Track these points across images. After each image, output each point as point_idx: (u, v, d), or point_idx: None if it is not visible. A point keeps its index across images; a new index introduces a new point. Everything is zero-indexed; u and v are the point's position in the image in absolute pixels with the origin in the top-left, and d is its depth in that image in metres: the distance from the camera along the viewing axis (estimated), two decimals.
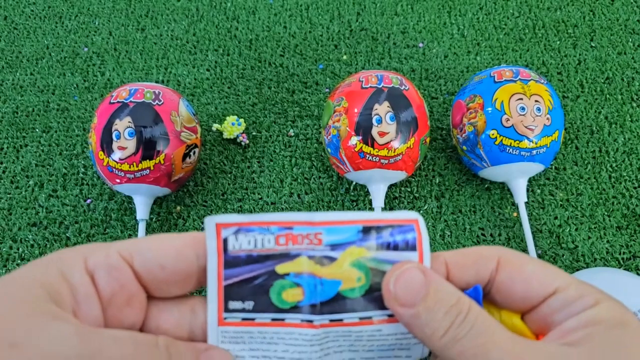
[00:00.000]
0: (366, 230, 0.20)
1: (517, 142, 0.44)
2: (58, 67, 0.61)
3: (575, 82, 0.57)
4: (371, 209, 0.49)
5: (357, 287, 0.20)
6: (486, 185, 0.51)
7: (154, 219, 0.49)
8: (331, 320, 0.20)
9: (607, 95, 0.56)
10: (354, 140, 0.44)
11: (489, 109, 0.45)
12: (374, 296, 0.20)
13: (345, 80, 0.48)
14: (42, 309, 0.16)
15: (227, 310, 0.20)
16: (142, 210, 0.46)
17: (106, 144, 0.44)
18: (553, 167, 0.52)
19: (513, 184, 0.47)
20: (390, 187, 0.50)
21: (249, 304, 0.20)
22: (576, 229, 0.48)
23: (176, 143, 0.45)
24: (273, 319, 0.20)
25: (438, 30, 0.62)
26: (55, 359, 0.16)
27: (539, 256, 0.46)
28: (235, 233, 0.20)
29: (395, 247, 0.20)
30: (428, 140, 0.48)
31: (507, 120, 0.44)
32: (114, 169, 0.44)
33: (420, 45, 0.61)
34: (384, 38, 0.62)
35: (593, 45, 0.60)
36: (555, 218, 0.49)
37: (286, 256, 0.20)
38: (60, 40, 0.63)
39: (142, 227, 0.46)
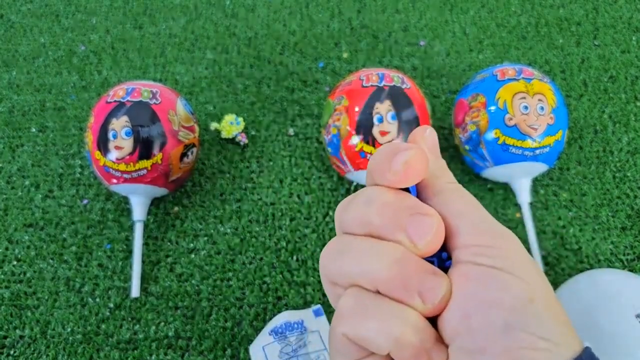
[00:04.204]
0: None
1: (520, 141, 0.43)
2: (55, 66, 0.60)
3: (579, 80, 0.57)
4: None
5: None
6: (489, 186, 0.50)
7: (151, 220, 0.49)
8: None
9: (611, 94, 0.55)
10: (355, 139, 0.44)
11: (492, 107, 0.44)
12: None
13: (345, 78, 0.47)
14: None
15: None
16: (139, 210, 0.45)
17: (103, 144, 0.43)
18: (557, 167, 0.51)
19: (516, 185, 0.46)
20: None
21: None
22: (580, 230, 0.47)
23: (174, 142, 0.44)
24: None
25: (440, 28, 0.61)
26: None
27: (543, 257, 0.46)
28: None
29: None
30: None
31: (510, 119, 0.43)
32: (111, 169, 0.43)
33: (422, 43, 0.60)
34: (385, 36, 0.61)
35: (596, 43, 0.60)
36: (559, 219, 0.48)
37: None
38: (57, 39, 0.62)
39: (138, 228, 0.45)
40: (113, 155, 0.43)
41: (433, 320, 0.20)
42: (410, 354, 0.19)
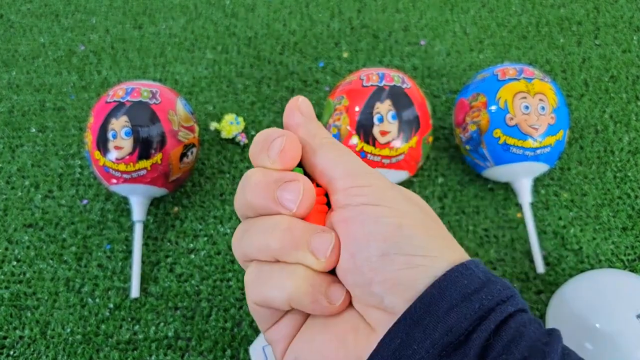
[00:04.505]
0: None
1: (521, 141, 0.43)
2: (54, 66, 0.60)
3: (580, 80, 0.56)
4: None
5: None
6: (489, 186, 0.50)
7: (151, 220, 0.49)
8: None
9: (612, 94, 0.55)
10: (355, 139, 0.44)
11: (493, 107, 0.44)
12: None
13: (346, 78, 0.47)
14: None
15: None
16: (138, 211, 0.45)
17: (102, 144, 0.43)
18: (557, 167, 0.51)
19: (517, 184, 0.46)
20: None
21: None
22: (581, 230, 0.47)
23: (173, 143, 0.44)
24: None
25: (440, 28, 0.61)
26: None
27: (544, 258, 0.46)
28: None
29: None
30: (431, 139, 0.47)
31: (511, 119, 0.43)
32: (110, 169, 0.43)
33: (422, 42, 0.60)
34: (385, 35, 0.61)
35: (597, 43, 0.59)
36: (560, 219, 0.48)
37: None
38: (57, 39, 0.62)
39: (138, 229, 0.45)
40: (113, 155, 0.42)
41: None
42: (308, 300, 0.21)
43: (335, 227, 0.22)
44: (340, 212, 0.22)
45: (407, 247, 0.21)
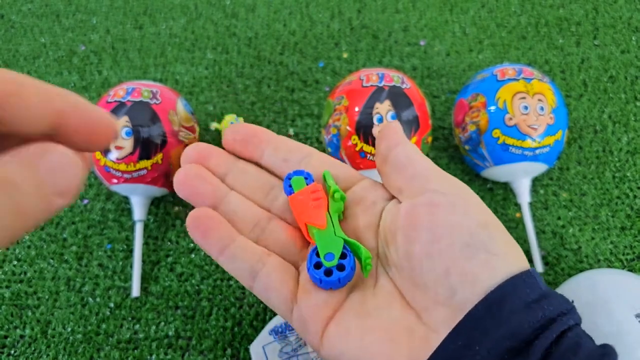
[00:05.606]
0: None
1: (520, 141, 0.43)
2: (55, 66, 0.60)
3: (579, 80, 0.57)
4: None
5: None
6: (489, 186, 0.50)
7: (151, 220, 0.49)
8: None
9: (611, 94, 0.55)
10: (355, 139, 0.44)
11: (492, 107, 0.44)
12: None
13: (345, 78, 0.48)
14: None
15: None
16: (139, 210, 0.45)
17: None
18: (556, 167, 0.51)
19: (516, 184, 0.46)
20: None
21: None
22: (580, 230, 0.47)
23: (174, 142, 0.44)
24: None
25: (440, 28, 0.62)
26: None
27: (543, 257, 0.46)
28: None
29: None
30: (430, 139, 0.47)
31: (510, 119, 0.43)
32: (111, 169, 0.43)
33: (422, 43, 0.60)
34: (385, 36, 0.61)
35: (596, 43, 0.60)
36: (559, 219, 0.48)
37: None
38: (58, 39, 0.63)
39: (139, 228, 0.45)
40: (113, 155, 0.43)
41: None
42: None
43: (418, 209, 0.22)
44: (430, 195, 0.23)
45: (490, 245, 0.21)
